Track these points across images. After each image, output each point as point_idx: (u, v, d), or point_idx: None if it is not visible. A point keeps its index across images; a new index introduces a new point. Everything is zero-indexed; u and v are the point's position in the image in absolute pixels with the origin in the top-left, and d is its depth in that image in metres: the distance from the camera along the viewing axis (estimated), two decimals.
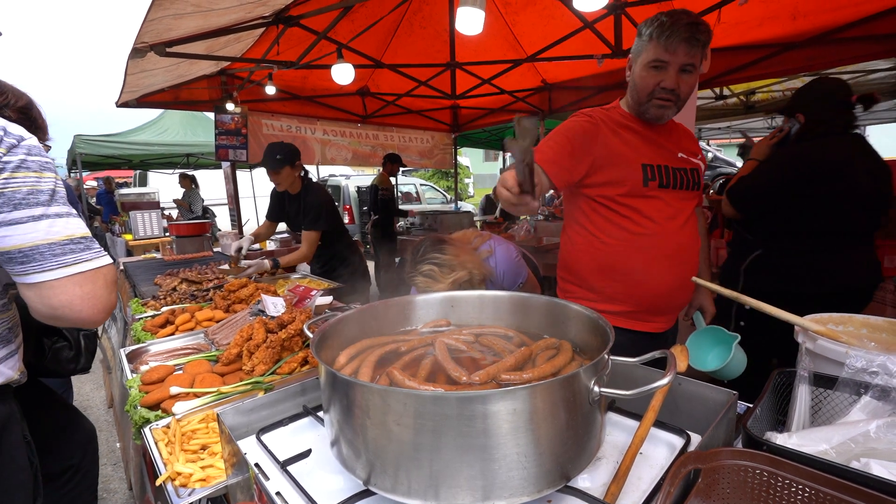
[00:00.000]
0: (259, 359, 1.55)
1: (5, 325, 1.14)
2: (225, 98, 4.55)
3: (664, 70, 1.38)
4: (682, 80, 1.39)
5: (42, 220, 0.93)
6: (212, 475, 1.08)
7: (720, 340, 1.53)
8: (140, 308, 2.46)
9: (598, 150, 1.44)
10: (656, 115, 1.46)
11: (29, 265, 0.93)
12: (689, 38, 1.32)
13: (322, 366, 0.76)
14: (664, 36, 1.33)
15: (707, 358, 1.52)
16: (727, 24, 3.41)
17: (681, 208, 1.51)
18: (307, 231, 3.00)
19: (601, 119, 1.49)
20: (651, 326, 1.54)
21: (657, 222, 1.46)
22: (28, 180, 0.93)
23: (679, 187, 1.50)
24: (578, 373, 0.67)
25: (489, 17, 3.08)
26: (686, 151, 1.56)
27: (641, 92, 1.44)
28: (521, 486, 0.65)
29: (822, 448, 0.72)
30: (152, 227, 6.30)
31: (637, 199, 1.46)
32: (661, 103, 1.42)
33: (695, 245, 1.55)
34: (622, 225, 1.47)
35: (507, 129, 7.74)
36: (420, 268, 1.68)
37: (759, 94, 5.62)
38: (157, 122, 8.63)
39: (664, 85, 1.39)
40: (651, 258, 1.46)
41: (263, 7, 2.79)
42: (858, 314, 1.10)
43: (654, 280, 1.47)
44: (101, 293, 1.00)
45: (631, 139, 1.48)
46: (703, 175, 1.60)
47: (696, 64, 1.37)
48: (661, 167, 1.47)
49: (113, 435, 3.31)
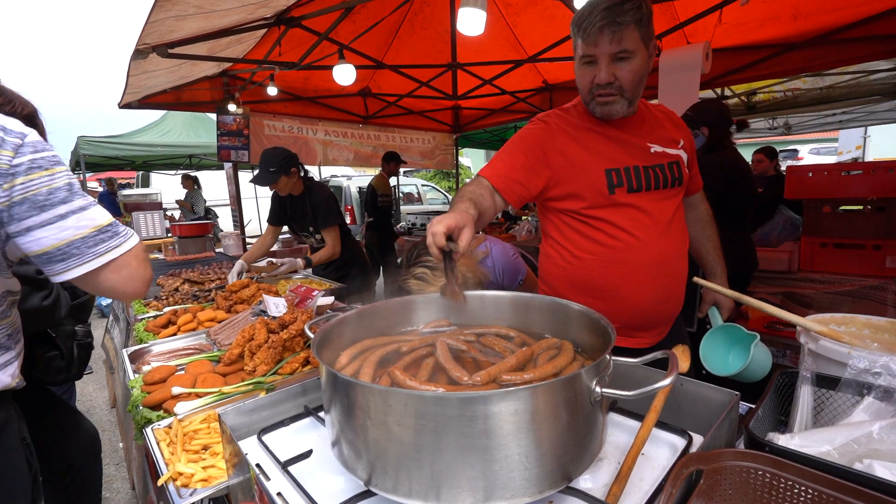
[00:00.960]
0: (261, 359, 1.55)
1: (4, 332, 1.13)
2: (227, 99, 4.56)
3: (594, 64, 1.25)
4: (618, 69, 1.23)
5: (69, 216, 0.97)
6: (213, 475, 1.09)
7: (737, 339, 1.36)
8: (142, 308, 2.47)
9: (555, 161, 1.32)
10: (603, 113, 1.31)
11: (69, 261, 0.97)
12: (608, 23, 1.17)
13: (323, 366, 0.76)
14: (582, 28, 1.22)
15: (728, 360, 1.36)
16: (728, 25, 3.41)
17: (661, 211, 1.34)
18: (326, 228, 2.99)
19: (557, 125, 1.36)
20: (638, 342, 1.41)
21: (631, 233, 1.31)
22: (43, 180, 0.95)
23: (655, 188, 1.33)
24: (580, 373, 0.67)
25: (490, 18, 3.08)
26: (661, 141, 1.38)
27: (582, 90, 1.32)
28: (522, 487, 0.65)
29: (825, 449, 0.72)
30: (155, 227, 6.32)
31: (604, 210, 1.32)
32: (602, 100, 1.28)
33: (681, 250, 1.40)
34: (595, 238, 1.34)
35: (509, 129, 7.74)
36: (413, 271, 1.65)
37: (761, 94, 5.61)
38: (159, 124, 8.65)
39: (597, 80, 1.25)
40: (628, 273, 1.32)
41: (265, 8, 2.80)
42: (861, 315, 1.10)
43: (636, 296, 1.34)
44: (137, 272, 1.06)
45: (592, 142, 1.34)
46: (686, 165, 1.42)
47: (630, 49, 1.21)
48: (628, 169, 1.31)
49: (116, 435, 3.31)
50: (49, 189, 0.95)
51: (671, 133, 1.42)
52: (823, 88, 5.25)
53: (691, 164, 1.47)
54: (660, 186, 1.34)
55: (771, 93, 5.51)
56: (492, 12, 3.89)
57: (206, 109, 4.82)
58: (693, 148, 1.48)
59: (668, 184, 1.36)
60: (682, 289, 1.41)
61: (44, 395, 1.59)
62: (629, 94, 1.28)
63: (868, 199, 2.84)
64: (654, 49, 1.29)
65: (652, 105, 1.47)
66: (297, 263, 2.93)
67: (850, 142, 13.83)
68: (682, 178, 1.40)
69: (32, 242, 0.95)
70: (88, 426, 1.73)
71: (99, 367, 4.52)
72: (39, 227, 0.94)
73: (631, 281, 1.33)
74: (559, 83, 5.17)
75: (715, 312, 1.47)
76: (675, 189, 1.39)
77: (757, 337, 1.26)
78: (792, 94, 5.47)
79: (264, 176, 2.81)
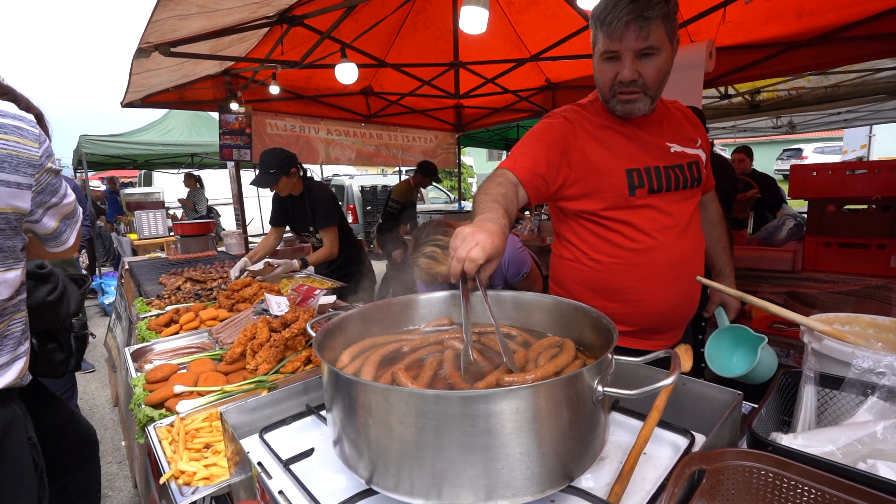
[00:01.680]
0: (262, 358, 1.55)
1: (19, 326, 1.15)
2: (229, 98, 4.56)
3: (618, 60, 1.19)
4: (642, 66, 1.18)
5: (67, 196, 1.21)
6: (215, 474, 1.09)
7: (743, 340, 1.33)
8: (144, 307, 2.47)
9: (575, 158, 1.27)
10: (624, 112, 1.27)
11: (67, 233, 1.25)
12: (635, 17, 1.12)
13: (324, 365, 0.76)
14: (606, 23, 1.15)
15: (732, 361, 1.34)
16: (732, 23, 3.39)
17: (680, 213, 1.32)
18: (324, 228, 2.99)
19: (578, 121, 1.30)
20: (654, 345, 1.37)
21: (652, 235, 1.28)
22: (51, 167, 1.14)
23: (675, 189, 1.30)
24: (582, 372, 0.66)
25: (492, 17, 3.07)
26: (681, 141, 1.35)
27: (603, 88, 1.27)
28: (524, 486, 0.65)
29: (829, 449, 0.72)
30: (157, 226, 6.35)
31: (624, 212, 1.28)
32: (625, 98, 1.23)
33: (699, 251, 1.39)
34: (613, 240, 1.30)
35: (511, 128, 7.73)
36: (423, 249, 1.65)
37: (765, 93, 5.57)
38: (161, 122, 8.67)
39: (620, 77, 1.20)
40: (648, 275, 1.29)
41: (267, 7, 2.79)
42: (865, 314, 1.09)
43: (654, 299, 1.31)
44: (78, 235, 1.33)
45: (612, 141, 1.29)
46: (703, 165, 1.39)
47: (656, 45, 1.15)
48: (649, 170, 1.27)
49: (118, 433, 3.32)
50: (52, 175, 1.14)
51: (689, 132, 1.39)
52: (828, 87, 5.21)
53: (707, 164, 1.44)
54: (679, 187, 1.31)
55: (775, 91, 5.48)
56: (494, 11, 3.88)
57: (209, 108, 4.82)
58: (709, 146, 1.45)
59: (687, 184, 1.33)
60: (698, 291, 1.39)
61: (42, 395, 1.59)
62: (652, 91, 1.23)
63: (873, 198, 2.82)
64: (677, 44, 1.23)
65: (668, 102, 1.42)
66: (292, 265, 2.92)
67: (855, 141, 13.78)
68: (700, 178, 1.37)
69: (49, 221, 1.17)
70: (86, 426, 1.72)
71: (101, 365, 4.54)
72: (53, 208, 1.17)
73: (650, 284, 1.30)
74: (562, 82, 5.15)
75: (721, 313, 1.46)
76: (694, 190, 1.36)
77: (765, 339, 1.24)
78: (796, 93, 5.44)
79: (264, 177, 2.81)
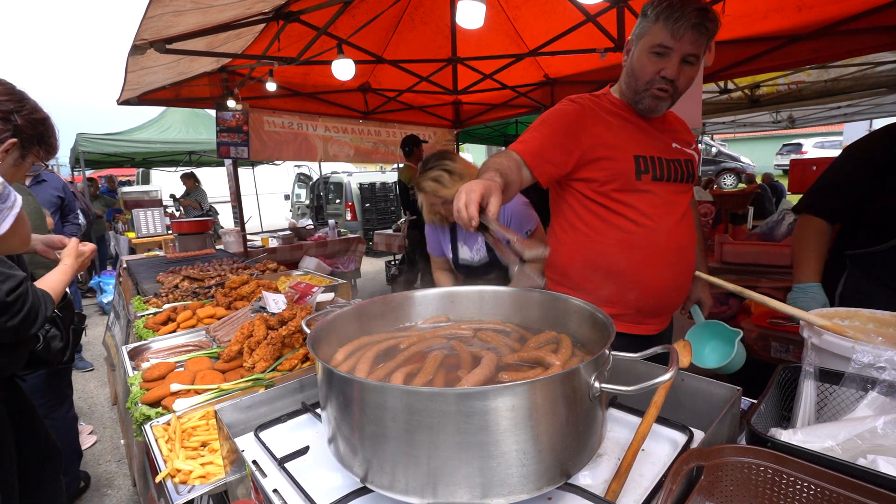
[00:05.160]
0: (260, 356, 1.55)
1: None
2: (226, 95, 4.53)
3: (667, 57, 1.26)
4: (683, 71, 1.28)
5: None
6: (212, 472, 1.08)
7: (717, 334, 1.46)
8: (142, 305, 2.47)
9: (587, 141, 1.33)
10: (650, 107, 1.35)
11: None
12: (699, 24, 1.20)
13: (319, 362, 0.75)
14: (672, 19, 1.21)
15: (703, 353, 1.46)
16: (732, 17, 3.36)
17: (676, 202, 1.40)
18: None
19: (591, 107, 1.37)
20: (645, 329, 1.45)
21: (652, 218, 1.35)
22: None
23: (673, 179, 1.40)
24: (578, 368, 0.66)
25: (490, 11, 3.05)
26: (680, 141, 1.46)
27: (640, 79, 1.32)
28: (520, 484, 0.64)
29: (828, 445, 0.71)
30: (155, 224, 6.33)
31: (629, 194, 1.35)
32: (659, 94, 1.31)
33: (692, 242, 1.45)
34: (614, 222, 1.37)
35: (510, 124, 7.70)
36: (429, 174, 1.66)
37: (764, 87, 5.55)
38: (159, 120, 8.63)
39: (664, 73, 1.27)
40: (647, 257, 1.35)
41: (263, 3, 2.77)
42: (865, 309, 1.08)
43: (651, 281, 1.37)
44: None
45: (623, 128, 1.37)
46: (696, 166, 1.50)
47: (699, 55, 1.27)
48: (654, 158, 1.36)
49: (117, 432, 3.32)
50: None
51: (686, 136, 1.52)
52: (828, 81, 5.19)
53: (697, 167, 1.55)
54: (678, 179, 1.41)
55: (775, 86, 5.46)
56: (492, 5, 3.85)
57: (206, 105, 4.80)
58: (699, 154, 1.57)
59: (684, 178, 1.43)
60: (690, 279, 1.47)
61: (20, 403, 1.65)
62: (677, 97, 1.34)
63: None
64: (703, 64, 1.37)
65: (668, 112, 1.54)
66: None
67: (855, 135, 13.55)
68: (694, 176, 1.48)
69: None
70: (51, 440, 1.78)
71: (100, 363, 4.53)
72: None
73: (650, 265, 1.36)
74: (560, 77, 5.13)
75: (697, 310, 1.57)
76: (689, 185, 1.47)
77: (740, 333, 1.36)
78: (796, 87, 5.42)
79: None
